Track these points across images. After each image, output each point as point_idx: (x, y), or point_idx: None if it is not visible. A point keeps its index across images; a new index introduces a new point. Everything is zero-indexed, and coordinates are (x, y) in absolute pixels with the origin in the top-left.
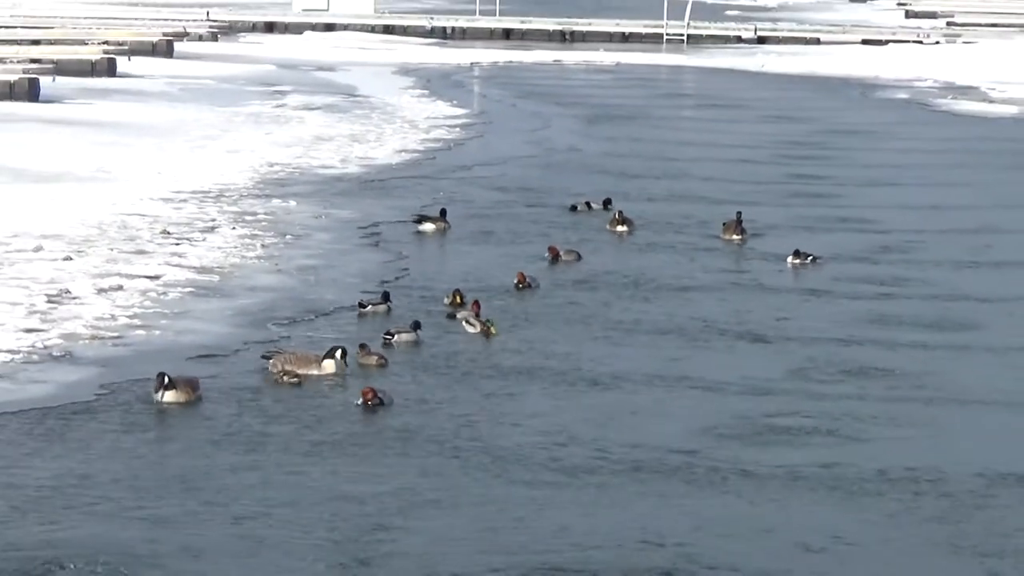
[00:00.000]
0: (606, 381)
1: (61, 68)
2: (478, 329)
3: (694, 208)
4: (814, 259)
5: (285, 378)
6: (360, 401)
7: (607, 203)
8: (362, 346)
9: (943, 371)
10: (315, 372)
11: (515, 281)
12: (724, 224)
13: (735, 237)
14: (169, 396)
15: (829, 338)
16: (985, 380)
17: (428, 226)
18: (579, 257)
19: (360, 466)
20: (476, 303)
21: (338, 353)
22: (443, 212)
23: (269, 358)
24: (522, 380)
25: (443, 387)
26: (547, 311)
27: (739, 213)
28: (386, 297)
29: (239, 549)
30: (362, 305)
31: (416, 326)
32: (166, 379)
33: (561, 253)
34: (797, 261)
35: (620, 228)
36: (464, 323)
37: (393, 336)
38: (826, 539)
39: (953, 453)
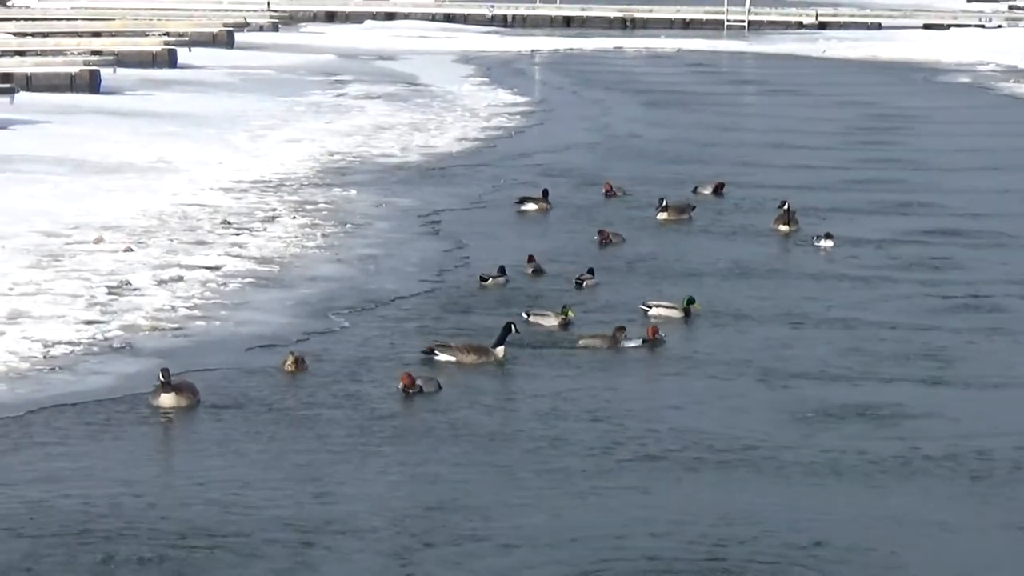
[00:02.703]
0: (650, 365)
1: (122, 60)
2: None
3: (752, 194)
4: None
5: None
6: (400, 386)
7: (719, 188)
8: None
9: (1010, 356)
10: (491, 360)
11: (528, 265)
12: (776, 216)
13: (783, 227)
14: (168, 400)
15: (892, 323)
16: None
17: (531, 206)
18: (623, 240)
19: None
20: (653, 328)
21: (513, 328)
22: (545, 192)
23: (433, 352)
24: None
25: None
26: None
27: (783, 203)
28: (503, 271)
29: (309, 520)
30: (483, 279)
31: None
32: (167, 378)
33: (611, 237)
34: (830, 244)
35: (662, 216)
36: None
37: (487, 280)
38: (914, 522)
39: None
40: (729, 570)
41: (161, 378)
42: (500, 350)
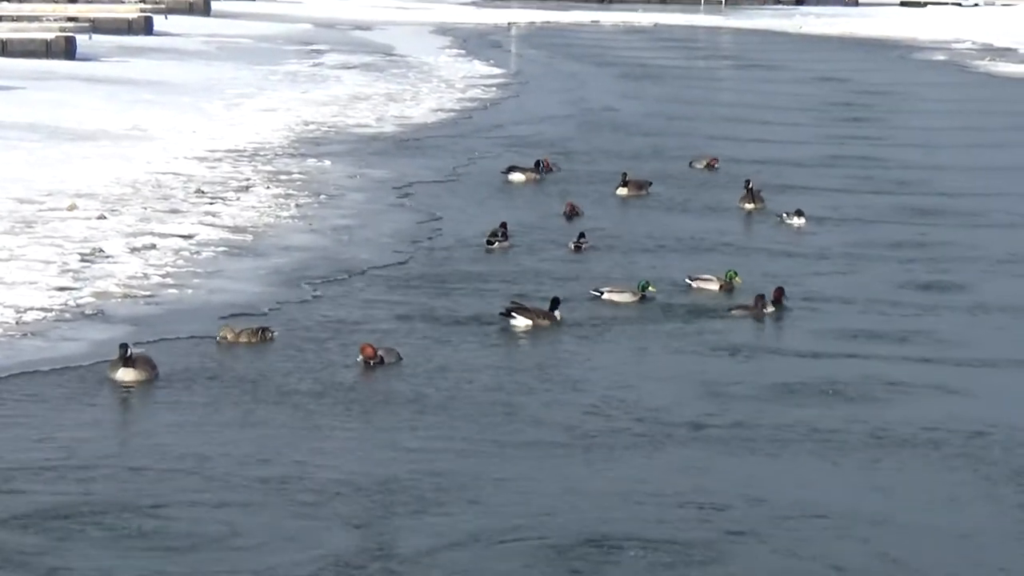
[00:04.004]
0: (625, 338)
1: (98, 26)
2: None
3: (725, 168)
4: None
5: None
6: (360, 359)
7: (712, 164)
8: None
9: (978, 334)
10: (555, 323)
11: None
12: (741, 195)
13: (747, 205)
14: (127, 374)
15: (862, 299)
16: (1000, 342)
17: (518, 176)
18: (582, 213)
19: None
20: (779, 289)
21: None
22: (538, 164)
23: (511, 314)
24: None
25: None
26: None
27: (747, 181)
28: (505, 235)
29: (271, 486)
30: (489, 242)
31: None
32: (129, 351)
33: (578, 209)
34: (802, 221)
35: (622, 191)
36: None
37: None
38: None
39: (988, 414)
40: (695, 538)
41: (120, 353)
42: (557, 314)
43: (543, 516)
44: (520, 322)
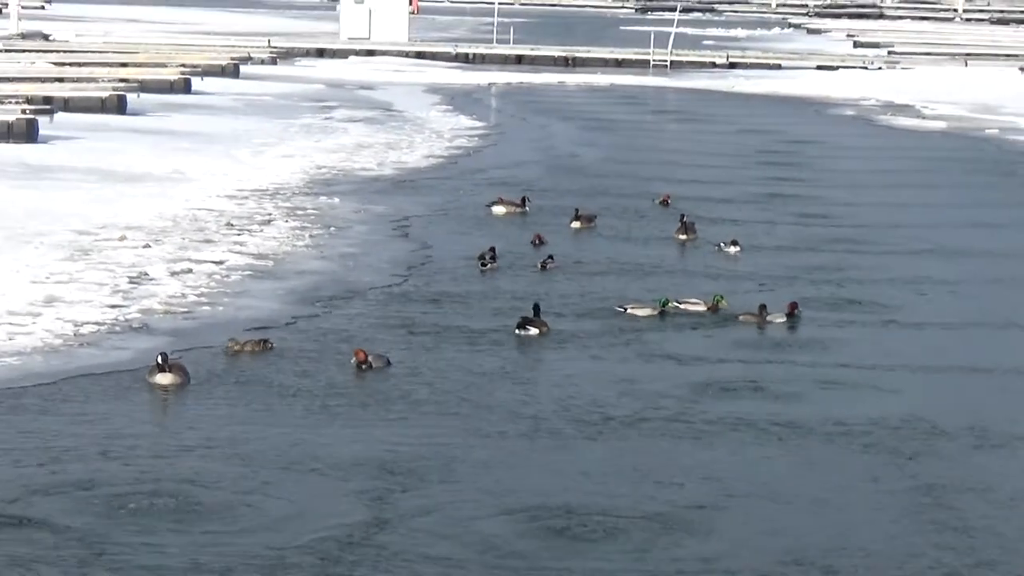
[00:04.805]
0: (577, 347)
1: (145, 86)
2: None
3: (673, 205)
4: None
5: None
6: (354, 362)
7: (665, 200)
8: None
9: (887, 344)
10: (547, 327)
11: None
12: (676, 227)
13: (682, 236)
14: (164, 378)
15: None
16: (907, 350)
17: (499, 209)
18: (546, 242)
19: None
20: (793, 304)
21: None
22: (523, 199)
23: (525, 327)
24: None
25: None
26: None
27: (682, 215)
28: (494, 258)
29: (289, 470)
30: (483, 265)
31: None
32: (163, 360)
33: (543, 239)
34: (737, 249)
35: (575, 224)
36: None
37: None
38: (777, 479)
39: (892, 410)
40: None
41: (159, 360)
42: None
43: (516, 491)
44: (532, 331)
